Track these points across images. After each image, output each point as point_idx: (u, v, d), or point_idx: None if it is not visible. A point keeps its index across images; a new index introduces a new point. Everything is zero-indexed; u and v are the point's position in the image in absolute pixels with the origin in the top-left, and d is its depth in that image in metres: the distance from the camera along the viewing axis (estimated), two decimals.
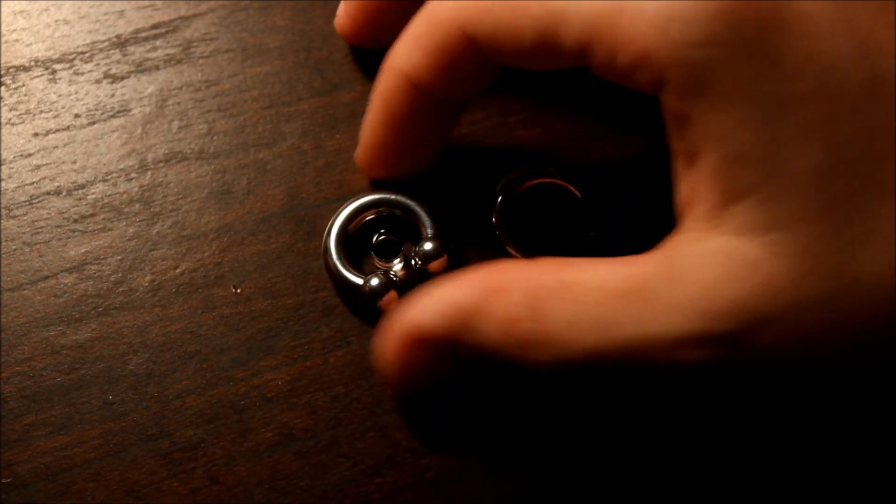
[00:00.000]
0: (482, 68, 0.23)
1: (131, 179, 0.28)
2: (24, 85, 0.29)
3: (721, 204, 0.19)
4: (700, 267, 0.19)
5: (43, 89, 0.29)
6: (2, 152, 0.28)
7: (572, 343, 0.20)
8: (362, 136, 0.26)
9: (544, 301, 0.20)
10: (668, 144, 0.21)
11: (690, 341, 0.19)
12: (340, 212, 0.27)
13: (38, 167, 0.28)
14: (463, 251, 0.28)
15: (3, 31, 0.30)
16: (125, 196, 0.28)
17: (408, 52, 0.23)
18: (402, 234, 0.27)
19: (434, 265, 0.26)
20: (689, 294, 0.19)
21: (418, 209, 0.27)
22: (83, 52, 0.30)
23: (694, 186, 0.20)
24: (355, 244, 0.27)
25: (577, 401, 0.25)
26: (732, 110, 0.19)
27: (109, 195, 0.28)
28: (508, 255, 0.27)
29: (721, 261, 0.19)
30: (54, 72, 0.29)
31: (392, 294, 0.25)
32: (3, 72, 0.29)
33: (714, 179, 0.19)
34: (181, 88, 0.29)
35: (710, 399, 0.25)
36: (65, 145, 0.28)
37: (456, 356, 0.22)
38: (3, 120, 0.29)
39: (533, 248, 0.27)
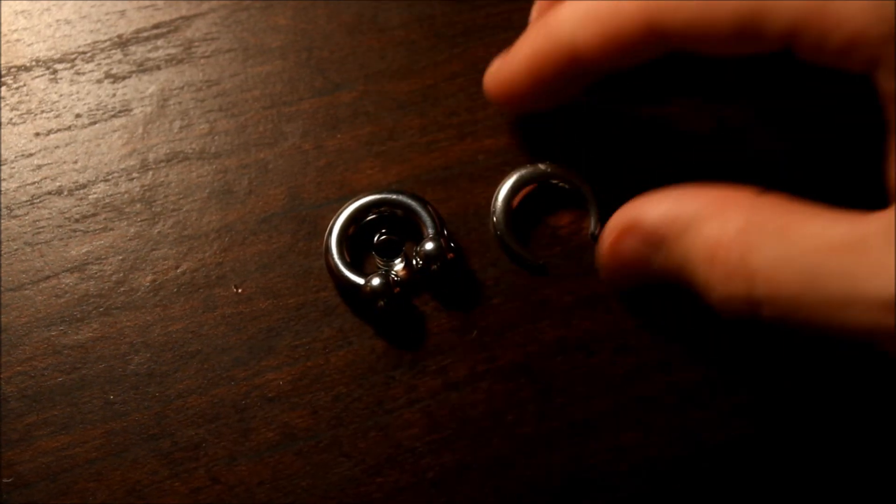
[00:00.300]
0: (654, 50, 0.23)
1: (132, 179, 0.28)
2: (25, 85, 0.29)
3: None
4: None
5: (44, 89, 0.29)
6: (3, 152, 0.28)
7: (775, 285, 0.20)
8: (501, 70, 0.26)
9: (760, 236, 0.21)
10: (886, 122, 0.21)
11: None
12: (342, 211, 0.27)
13: (39, 167, 0.28)
14: (463, 251, 0.28)
15: (5, 31, 0.30)
16: (126, 196, 0.28)
17: (580, 26, 0.23)
18: (403, 233, 0.27)
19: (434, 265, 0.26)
20: None
21: (419, 209, 0.27)
22: (84, 52, 0.30)
23: None
24: (356, 244, 0.27)
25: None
26: None
27: (111, 195, 0.28)
28: (511, 254, 0.27)
29: None
30: (55, 72, 0.29)
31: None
32: (4, 71, 0.29)
33: None
34: (182, 88, 0.29)
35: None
36: (66, 145, 0.28)
37: (659, 260, 0.23)
38: (4, 120, 0.29)
39: (535, 247, 0.27)
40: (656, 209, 0.23)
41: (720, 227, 0.21)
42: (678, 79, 0.29)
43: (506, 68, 0.26)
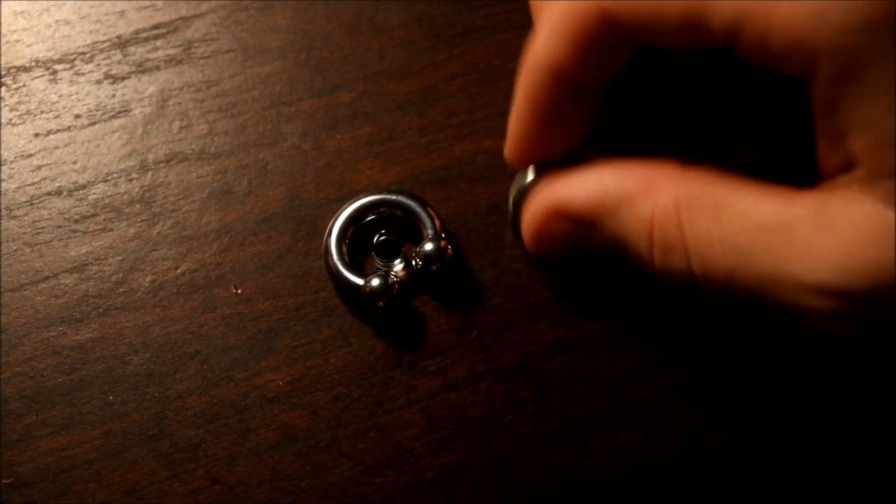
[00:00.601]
0: (621, 49, 0.23)
1: (132, 180, 0.28)
2: (24, 85, 0.29)
3: (870, 178, 0.20)
4: (849, 224, 0.20)
5: (44, 90, 0.29)
6: (2, 153, 0.28)
7: (709, 262, 0.21)
8: (510, 133, 0.26)
9: (692, 213, 0.21)
10: (813, 117, 0.21)
11: (824, 291, 0.20)
12: (341, 212, 0.27)
13: (38, 167, 0.28)
14: (462, 251, 0.28)
15: (4, 32, 0.30)
16: (126, 196, 0.28)
17: (546, 42, 0.23)
18: (402, 234, 0.28)
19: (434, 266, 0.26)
20: (833, 246, 0.20)
21: (419, 209, 0.27)
22: (84, 53, 0.30)
23: (844, 158, 0.21)
24: (356, 244, 0.27)
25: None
26: (883, 98, 0.19)
27: (110, 195, 0.28)
28: (523, 254, 0.27)
29: (870, 224, 0.20)
30: (55, 72, 0.29)
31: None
32: (3, 72, 0.29)
33: (863, 157, 0.20)
34: (182, 89, 0.29)
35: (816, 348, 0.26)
36: (65, 146, 0.28)
37: (590, 237, 0.23)
38: (3, 120, 0.29)
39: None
40: (582, 190, 0.23)
41: (653, 205, 0.22)
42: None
43: (511, 125, 0.25)
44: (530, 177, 0.26)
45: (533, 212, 0.25)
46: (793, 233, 0.20)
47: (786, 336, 0.26)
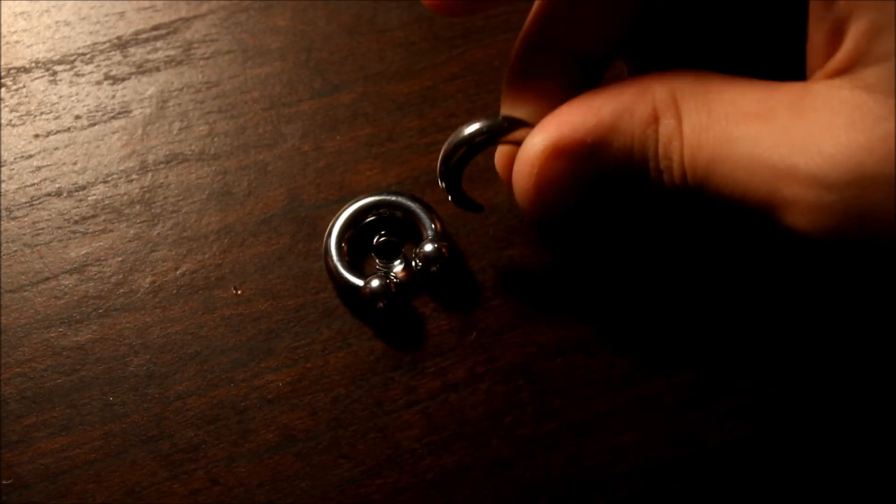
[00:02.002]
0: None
1: (132, 181, 0.28)
2: (24, 86, 0.29)
3: (859, 63, 0.20)
4: (827, 110, 0.20)
5: (44, 91, 0.29)
6: (2, 153, 0.28)
7: (696, 150, 0.21)
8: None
9: (685, 103, 0.22)
10: (810, 8, 0.21)
11: (797, 177, 0.19)
12: (341, 213, 0.27)
13: (38, 168, 0.28)
14: (462, 253, 0.28)
15: (4, 33, 0.30)
16: (126, 197, 0.28)
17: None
18: (402, 235, 0.28)
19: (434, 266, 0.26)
20: (810, 131, 0.20)
21: (419, 210, 0.27)
22: (84, 54, 0.30)
23: (834, 48, 0.20)
24: (356, 245, 0.27)
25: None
26: None
27: (110, 196, 0.28)
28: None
29: (847, 110, 0.19)
30: (55, 73, 0.29)
31: (524, 130, 0.24)
32: (3, 73, 0.29)
33: (856, 43, 0.20)
34: (182, 90, 0.29)
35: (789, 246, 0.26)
36: (65, 146, 0.28)
37: (595, 166, 0.23)
38: (3, 121, 0.29)
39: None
40: (577, 119, 0.23)
41: (652, 102, 0.22)
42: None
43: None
44: (473, 127, 0.24)
45: (528, 160, 0.23)
46: (772, 118, 0.20)
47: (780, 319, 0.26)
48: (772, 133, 0.20)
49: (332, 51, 0.30)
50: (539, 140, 0.23)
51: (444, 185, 0.26)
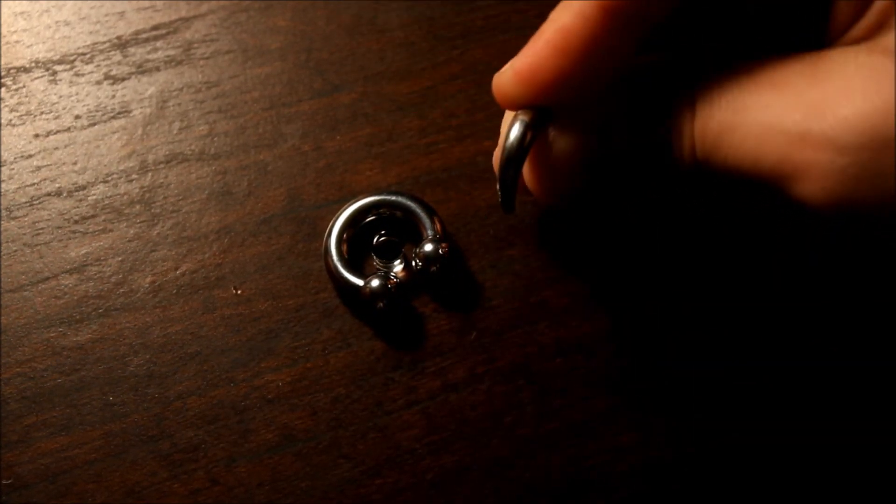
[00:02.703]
0: None
1: (132, 181, 0.28)
2: (24, 86, 0.29)
3: (881, 27, 0.19)
4: (843, 74, 0.19)
5: (44, 90, 0.29)
6: (2, 153, 0.28)
7: (707, 119, 0.21)
8: (522, 65, 0.22)
9: (702, 81, 0.21)
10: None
11: (811, 140, 0.19)
12: (341, 213, 0.27)
13: (38, 168, 0.28)
14: (462, 252, 0.28)
15: (4, 33, 0.30)
16: (126, 197, 0.28)
17: None
18: (402, 235, 0.28)
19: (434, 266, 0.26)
20: (824, 96, 0.19)
21: (419, 210, 0.27)
22: (84, 54, 0.30)
23: (855, 13, 0.20)
24: (356, 245, 0.27)
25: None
26: None
27: (110, 196, 0.28)
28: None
29: (865, 73, 0.19)
30: (55, 73, 0.29)
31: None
32: (3, 73, 0.29)
33: (880, 11, 0.19)
34: (182, 90, 0.29)
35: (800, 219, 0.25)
36: (65, 146, 0.28)
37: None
38: (3, 121, 0.29)
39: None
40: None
41: (671, 81, 0.22)
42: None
43: (529, 59, 0.22)
44: (516, 132, 0.23)
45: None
46: (785, 85, 0.20)
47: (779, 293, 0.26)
48: (784, 99, 0.20)
49: (332, 51, 0.30)
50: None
51: (505, 189, 0.24)
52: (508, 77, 0.22)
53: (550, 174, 0.23)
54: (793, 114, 0.19)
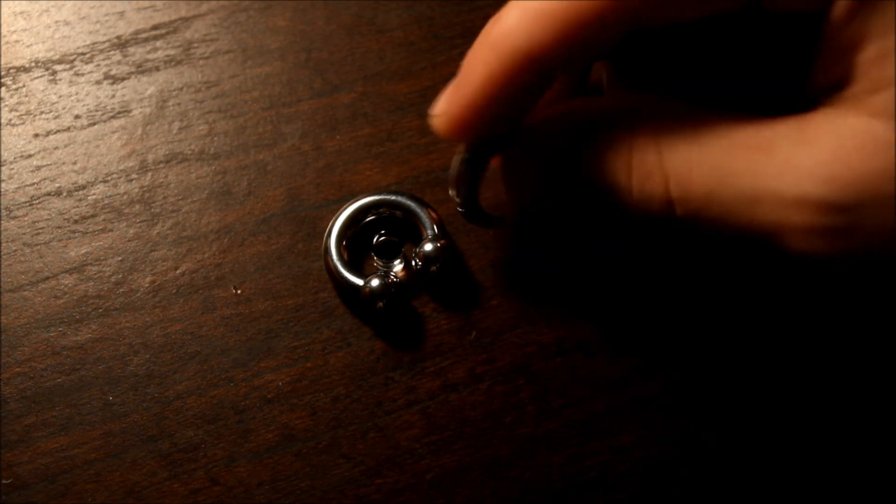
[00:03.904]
0: (615, 35, 0.22)
1: (132, 180, 0.28)
2: (24, 86, 0.29)
3: (867, 90, 0.20)
4: (834, 137, 0.20)
5: (43, 90, 0.29)
6: (2, 153, 0.28)
7: (687, 184, 0.21)
8: (450, 101, 0.23)
9: (671, 137, 0.21)
10: (820, 41, 0.21)
11: (805, 204, 0.19)
12: (341, 213, 0.27)
13: (38, 168, 0.28)
14: (462, 253, 0.28)
15: (4, 32, 0.30)
16: (126, 197, 0.28)
17: (531, 29, 0.21)
18: (402, 235, 0.28)
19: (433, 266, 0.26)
20: (817, 159, 0.19)
21: (419, 210, 0.27)
22: (83, 53, 0.30)
23: (840, 75, 0.20)
24: (356, 245, 0.27)
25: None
26: None
27: (110, 196, 0.28)
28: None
29: (855, 136, 0.19)
30: (55, 73, 0.29)
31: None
32: (3, 73, 0.29)
33: (865, 69, 0.20)
34: (181, 89, 0.29)
35: (806, 275, 0.26)
36: (65, 146, 0.28)
37: (567, 169, 0.22)
38: (3, 121, 0.29)
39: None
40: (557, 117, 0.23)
41: (632, 130, 0.22)
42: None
43: (455, 95, 0.23)
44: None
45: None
46: (774, 150, 0.20)
47: (779, 320, 0.26)
48: (774, 164, 0.20)
49: (332, 51, 0.30)
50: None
51: (463, 210, 0.25)
52: (437, 121, 0.23)
53: (515, 192, 0.24)
54: (785, 177, 0.20)
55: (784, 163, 0.20)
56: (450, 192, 0.25)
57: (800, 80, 0.22)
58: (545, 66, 0.22)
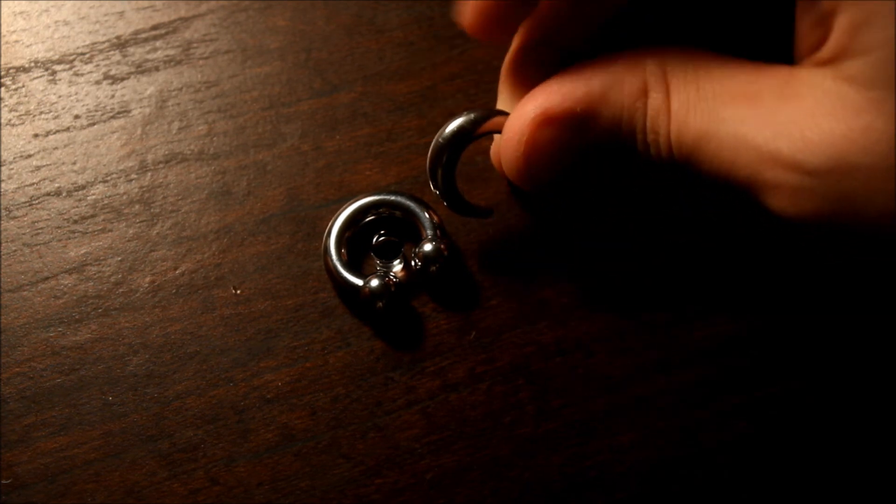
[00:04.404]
0: None
1: (131, 180, 0.28)
2: (24, 86, 0.29)
3: (842, 55, 0.20)
4: (811, 97, 0.20)
5: (43, 90, 0.29)
6: (2, 153, 0.28)
7: (682, 126, 0.22)
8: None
9: (675, 77, 0.22)
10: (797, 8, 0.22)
11: (780, 160, 0.20)
12: (340, 213, 0.27)
13: (38, 168, 0.28)
14: (462, 252, 0.28)
15: (4, 32, 0.30)
16: (125, 197, 0.28)
17: None
18: (402, 235, 0.28)
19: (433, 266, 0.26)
20: (794, 117, 0.20)
21: (418, 210, 0.27)
22: (83, 53, 0.30)
23: (820, 38, 0.21)
24: (355, 245, 0.27)
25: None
26: None
27: (109, 196, 0.28)
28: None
29: (829, 100, 0.20)
30: (54, 73, 0.29)
31: (501, 118, 0.25)
32: (3, 73, 0.29)
33: (840, 35, 0.20)
34: (181, 89, 0.29)
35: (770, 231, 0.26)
36: (65, 146, 0.28)
37: (584, 137, 0.23)
38: (3, 121, 0.29)
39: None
40: (563, 90, 0.23)
41: (643, 73, 0.22)
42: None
43: None
44: (451, 126, 0.25)
45: (517, 128, 0.23)
46: (758, 100, 0.21)
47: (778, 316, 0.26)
48: (757, 115, 0.20)
49: (332, 51, 0.30)
50: (530, 108, 0.23)
51: (438, 192, 0.26)
52: (463, 11, 0.24)
53: (529, 162, 0.24)
54: (764, 130, 0.20)
55: (765, 115, 0.20)
56: (430, 183, 0.26)
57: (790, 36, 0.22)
58: None
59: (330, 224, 0.27)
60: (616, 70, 0.23)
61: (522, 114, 0.23)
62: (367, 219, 0.27)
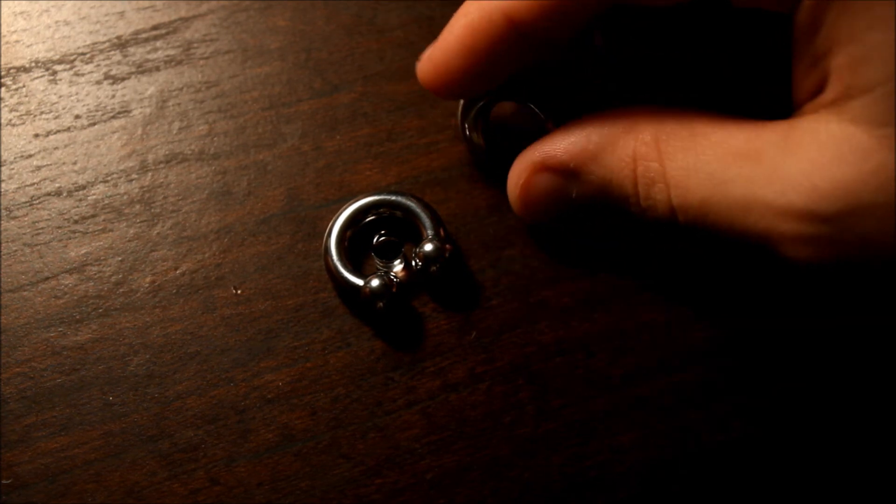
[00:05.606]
0: (591, 7, 0.23)
1: (132, 180, 0.28)
2: (24, 86, 0.29)
3: (844, 96, 0.20)
4: (816, 145, 0.20)
5: (43, 90, 0.29)
6: (2, 153, 0.28)
7: (685, 192, 0.22)
8: (434, 55, 0.25)
9: (670, 145, 0.22)
10: (793, 45, 0.22)
11: (793, 214, 0.20)
12: (341, 213, 0.27)
13: (38, 168, 0.28)
14: (462, 252, 0.28)
15: (4, 32, 0.30)
16: (126, 197, 0.28)
17: None
18: (402, 235, 0.28)
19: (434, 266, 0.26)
20: (801, 168, 0.20)
21: (419, 210, 0.27)
22: (84, 53, 0.30)
23: (818, 81, 0.21)
24: (356, 245, 0.27)
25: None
26: (864, 12, 0.19)
27: (110, 196, 0.28)
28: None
29: (836, 144, 0.20)
30: (55, 73, 0.29)
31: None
32: (3, 73, 0.29)
33: (839, 75, 0.20)
34: (181, 89, 0.29)
35: (791, 280, 0.26)
36: (65, 146, 0.28)
37: (577, 188, 0.24)
38: (3, 121, 0.29)
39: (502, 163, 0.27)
40: (564, 141, 0.24)
41: (634, 142, 0.23)
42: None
43: (439, 51, 0.25)
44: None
45: (518, 169, 0.25)
46: (762, 158, 0.21)
47: (778, 317, 0.26)
48: (763, 172, 0.20)
49: (332, 51, 0.30)
50: (534, 154, 0.25)
51: (470, 136, 0.28)
52: (420, 66, 0.25)
53: (525, 202, 0.26)
54: (772, 186, 0.20)
55: (772, 171, 0.20)
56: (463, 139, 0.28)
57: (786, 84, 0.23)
58: (525, 29, 0.23)
59: (330, 224, 0.27)
60: (613, 132, 0.23)
61: (526, 157, 0.25)
62: (368, 219, 0.27)
